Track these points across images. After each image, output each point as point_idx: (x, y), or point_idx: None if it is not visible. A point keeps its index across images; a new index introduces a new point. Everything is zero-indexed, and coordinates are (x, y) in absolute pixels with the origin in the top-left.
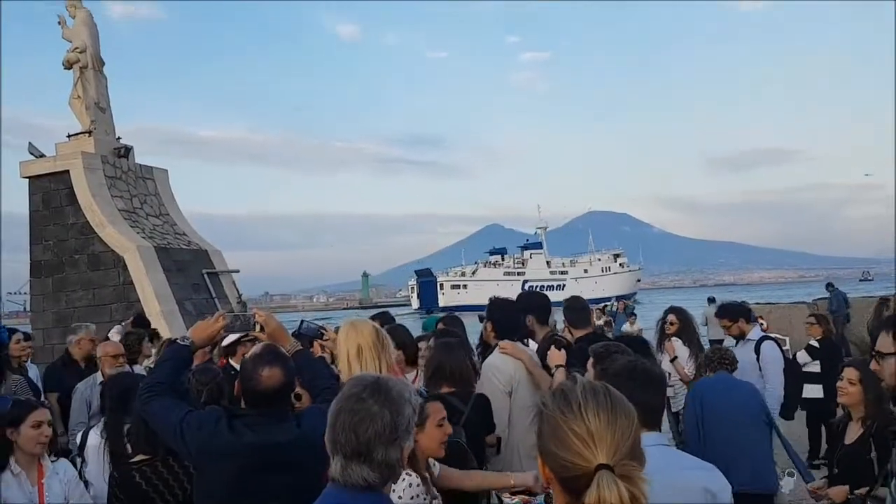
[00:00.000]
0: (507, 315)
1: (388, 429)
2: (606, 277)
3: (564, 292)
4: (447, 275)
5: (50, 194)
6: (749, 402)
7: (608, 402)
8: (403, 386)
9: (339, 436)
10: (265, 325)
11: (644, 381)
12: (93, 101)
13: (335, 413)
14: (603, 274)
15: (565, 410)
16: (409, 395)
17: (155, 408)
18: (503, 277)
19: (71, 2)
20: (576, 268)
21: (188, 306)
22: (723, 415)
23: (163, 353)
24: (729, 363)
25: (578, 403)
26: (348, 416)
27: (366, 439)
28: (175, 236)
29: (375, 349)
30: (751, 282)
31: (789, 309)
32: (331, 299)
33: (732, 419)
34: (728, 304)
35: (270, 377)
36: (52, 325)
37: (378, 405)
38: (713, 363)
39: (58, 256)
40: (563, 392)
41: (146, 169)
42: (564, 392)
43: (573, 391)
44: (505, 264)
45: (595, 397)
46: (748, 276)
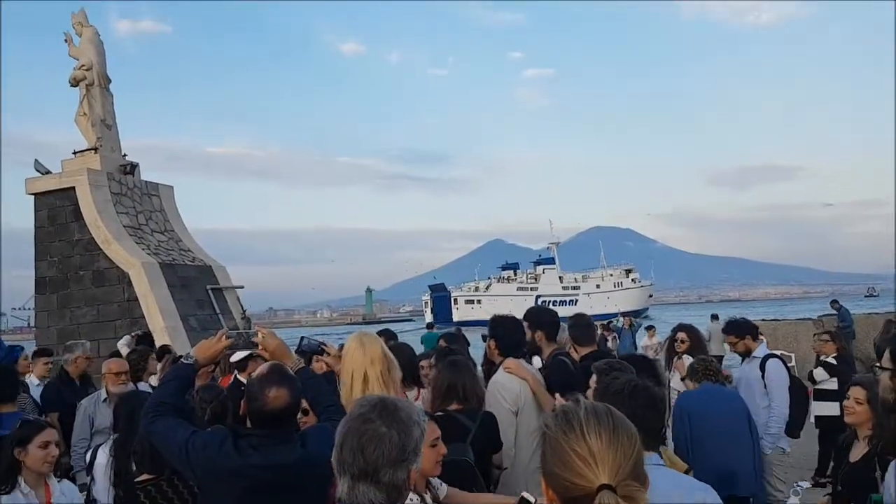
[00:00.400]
0: (510, 332)
1: (396, 450)
2: (618, 293)
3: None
4: (461, 290)
5: (55, 211)
6: (734, 411)
7: (610, 422)
8: (411, 407)
9: (346, 456)
10: (266, 344)
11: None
12: (99, 119)
13: (343, 434)
14: (615, 289)
15: (567, 431)
16: (417, 416)
17: (160, 428)
18: (516, 292)
19: (77, 20)
20: (588, 283)
21: (192, 322)
22: (709, 425)
23: (166, 372)
24: (714, 374)
25: (580, 424)
26: (356, 436)
27: (373, 460)
28: (180, 252)
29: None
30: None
31: (795, 325)
32: (334, 314)
33: (718, 429)
34: (735, 320)
35: (277, 398)
36: (57, 341)
37: (386, 426)
38: (698, 374)
39: (63, 273)
40: (565, 413)
41: (152, 185)
42: (566, 413)
43: (575, 412)
44: (518, 279)
45: (597, 418)
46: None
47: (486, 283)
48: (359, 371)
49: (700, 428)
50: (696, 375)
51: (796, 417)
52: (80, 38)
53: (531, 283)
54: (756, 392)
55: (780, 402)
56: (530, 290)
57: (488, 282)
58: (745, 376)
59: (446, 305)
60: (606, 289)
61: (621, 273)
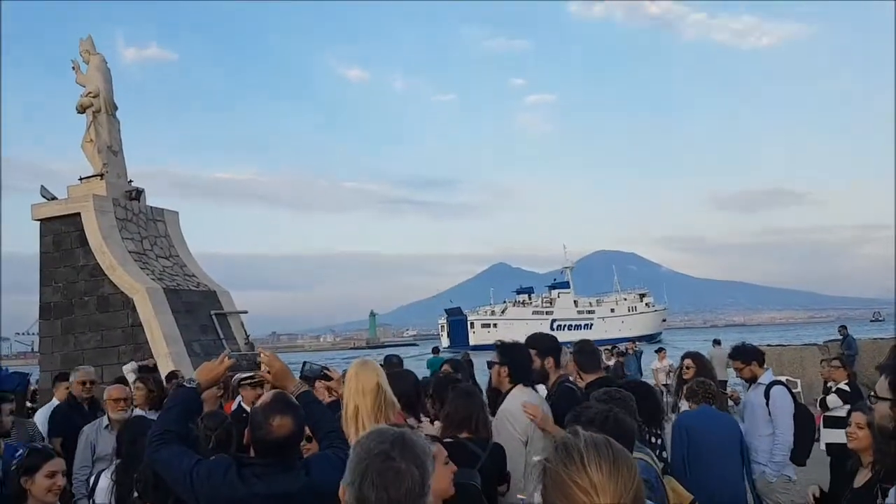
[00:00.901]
0: (522, 359)
1: (418, 486)
2: (633, 317)
3: (592, 332)
4: (476, 313)
5: (61, 236)
6: (728, 433)
7: (610, 453)
8: (423, 439)
9: (367, 493)
10: (269, 366)
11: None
12: (105, 145)
13: (362, 470)
14: (629, 313)
15: (567, 463)
16: (429, 448)
17: (164, 456)
18: (532, 316)
19: (85, 47)
20: (602, 307)
21: (196, 347)
22: (706, 445)
23: (169, 397)
24: (713, 398)
25: (581, 455)
26: (378, 475)
27: (397, 498)
28: (184, 278)
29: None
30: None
31: (800, 351)
32: (338, 339)
33: (715, 449)
34: (741, 346)
35: (281, 426)
36: (60, 366)
37: (405, 462)
38: (698, 396)
39: (67, 298)
40: (565, 445)
41: (157, 211)
42: (566, 445)
43: (575, 444)
44: (533, 303)
45: (597, 449)
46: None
47: (502, 308)
48: (350, 403)
49: (697, 446)
50: (695, 397)
51: (802, 445)
52: (87, 66)
53: (546, 308)
54: (760, 418)
55: (785, 430)
56: (545, 315)
57: (504, 306)
58: (750, 402)
59: (463, 329)
60: (621, 313)
61: (635, 297)
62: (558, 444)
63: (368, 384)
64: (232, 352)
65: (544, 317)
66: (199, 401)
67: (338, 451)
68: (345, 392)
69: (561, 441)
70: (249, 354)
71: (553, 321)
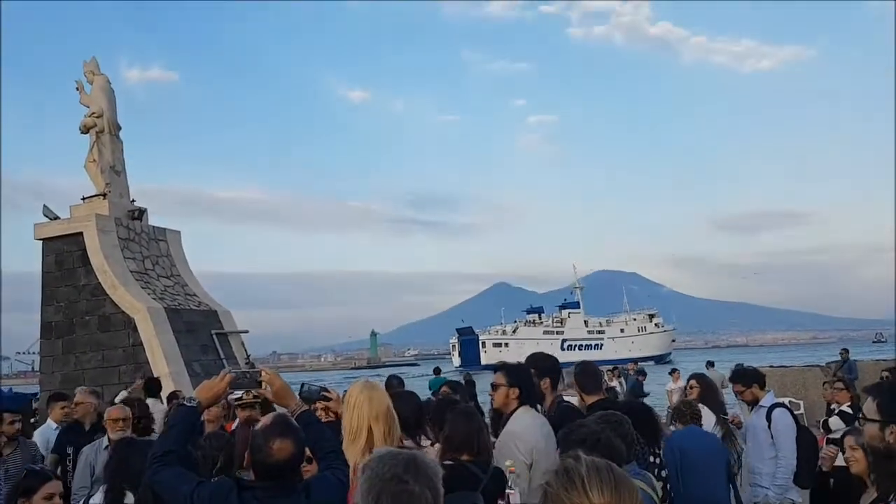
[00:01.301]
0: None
1: None
2: (642, 337)
3: (602, 352)
4: (488, 333)
5: (63, 256)
6: (717, 452)
7: (612, 478)
8: (433, 460)
9: None
10: (271, 384)
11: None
12: (108, 165)
13: (376, 494)
14: (639, 334)
15: (569, 488)
16: (439, 469)
17: (165, 477)
18: (542, 336)
19: (89, 68)
20: (612, 327)
21: (196, 367)
22: (695, 463)
23: (170, 417)
24: (698, 418)
25: (582, 480)
26: (390, 497)
27: None
28: (186, 297)
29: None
30: (763, 343)
31: (803, 372)
32: (339, 359)
33: (703, 467)
34: (742, 369)
35: (282, 449)
36: (61, 386)
37: (419, 486)
38: (685, 417)
39: (68, 318)
40: (566, 470)
41: (159, 230)
42: (567, 470)
43: (576, 468)
44: (544, 323)
45: (598, 474)
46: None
47: (513, 327)
48: (363, 426)
49: (687, 464)
50: (683, 418)
51: (805, 467)
52: (91, 86)
53: (557, 327)
54: (763, 442)
55: (788, 452)
56: (556, 334)
57: (514, 325)
58: (752, 425)
59: (474, 348)
60: (630, 333)
61: (644, 318)
62: (559, 468)
63: (382, 407)
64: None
65: (555, 336)
66: (200, 420)
67: (337, 473)
68: (354, 414)
69: (561, 465)
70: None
71: (563, 341)
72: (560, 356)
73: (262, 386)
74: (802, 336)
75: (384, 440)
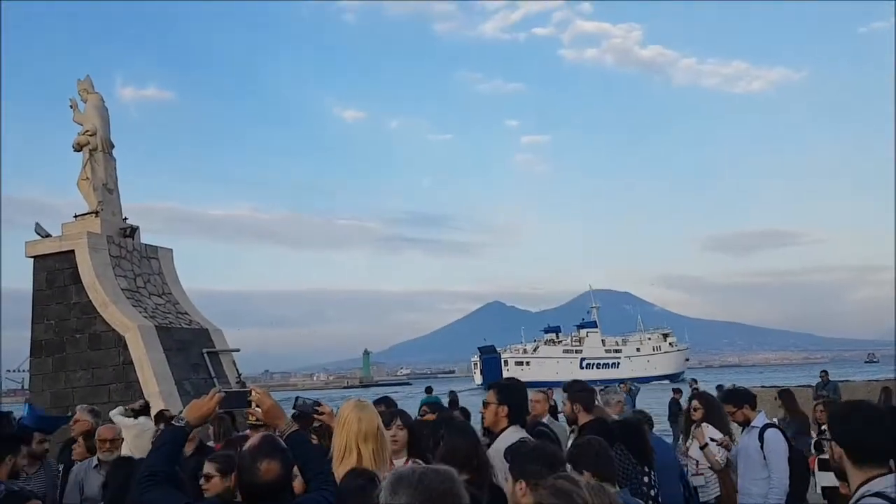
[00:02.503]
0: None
1: None
2: (658, 356)
3: (619, 370)
4: (509, 352)
5: (54, 274)
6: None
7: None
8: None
9: None
10: (260, 403)
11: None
12: (101, 183)
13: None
14: (654, 353)
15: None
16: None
17: (153, 497)
18: (562, 355)
19: (83, 87)
20: (629, 346)
21: (187, 386)
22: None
23: (158, 437)
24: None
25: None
26: None
27: None
28: (177, 315)
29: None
30: (756, 363)
31: (796, 392)
32: (331, 377)
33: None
34: (733, 389)
35: (269, 470)
36: (51, 405)
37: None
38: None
39: (59, 336)
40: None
41: (151, 248)
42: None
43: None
44: (563, 343)
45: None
46: (753, 357)
47: (534, 346)
48: (352, 445)
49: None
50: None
51: (797, 488)
52: (84, 105)
53: (576, 346)
54: (755, 462)
55: (780, 473)
56: (575, 353)
57: (535, 344)
58: (744, 446)
59: (496, 367)
60: (646, 352)
61: (659, 337)
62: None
63: (371, 427)
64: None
65: (574, 355)
66: (186, 440)
67: (326, 494)
68: (343, 433)
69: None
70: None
71: (582, 360)
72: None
73: (252, 405)
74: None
75: (373, 460)
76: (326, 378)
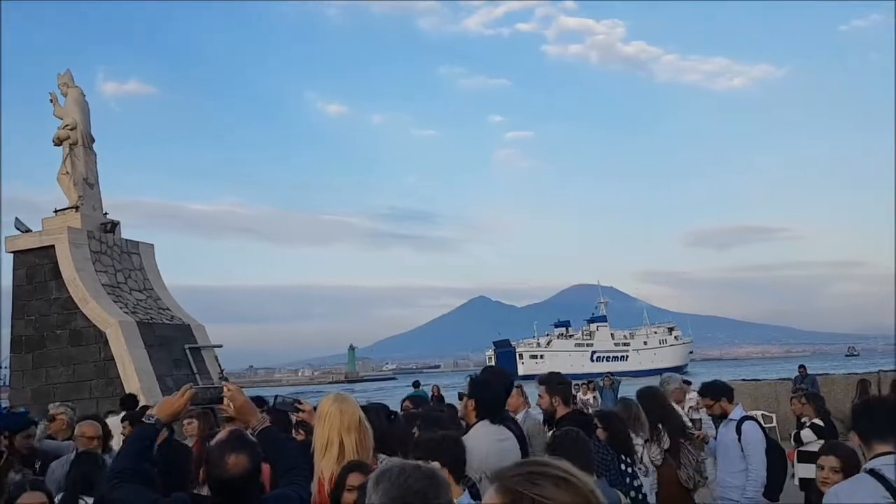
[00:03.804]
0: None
1: None
2: (664, 349)
3: (628, 363)
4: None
5: (34, 269)
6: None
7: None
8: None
9: None
10: (233, 400)
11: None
12: (81, 177)
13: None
14: (661, 346)
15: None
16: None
17: (121, 494)
18: (574, 348)
19: (63, 81)
20: (636, 340)
21: (168, 382)
22: None
23: (129, 435)
24: None
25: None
26: None
27: None
28: (158, 311)
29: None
30: (737, 356)
31: (776, 385)
32: (316, 373)
33: None
34: (711, 383)
35: (236, 464)
36: (31, 401)
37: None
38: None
39: (39, 332)
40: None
41: (132, 244)
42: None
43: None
44: (575, 337)
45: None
46: (734, 351)
47: (547, 340)
48: (334, 438)
49: None
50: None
51: (774, 480)
52: (65, 99)
53: (587, 340)
54: (733, 455)
55: (757, 465)
56: (586, 347)
57: (548, 338)
58: (722, 439)
59: (511, 360)
60: (653, 345)
61: (665, 331)
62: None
63: (353, 420)
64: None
65: (585, 349)
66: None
67: (298, 489)
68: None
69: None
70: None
71: (593, 353)
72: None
73: (224, 402)
74: (776, 350)
75: (356, 452)
76: (311, 373)
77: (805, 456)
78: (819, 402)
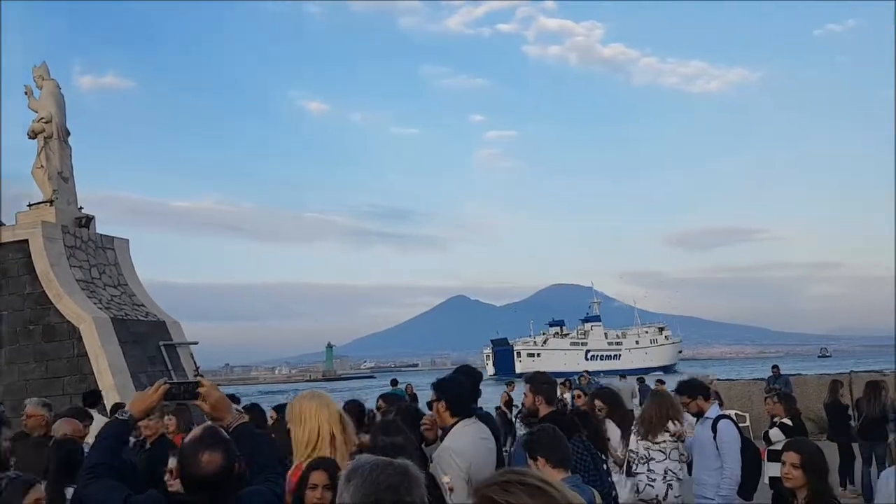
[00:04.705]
0: (458, 392)
1: None
2: (655, 348)
3: (621, 361)
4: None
5: (7, 264)
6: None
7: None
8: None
9: None
10: (208, 396)
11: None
12: (56, 171)
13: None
14: (652, 345)
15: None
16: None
17: (94, 490)
18: (569, 347)
19: (38, 73)
20: (628, 339)
21: (143, 379)
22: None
23: (101, 430)
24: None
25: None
26: None
27: None
28: (133, 307)
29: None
30: (711, 356)
31: (749, 385)
32: (293, 371)
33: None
34: (687, 381)
35: (211, 461)
36: (3, 397)
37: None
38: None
39: (12, 327)
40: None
41: (107, 239)
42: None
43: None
44: (570, 335)
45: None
46: (708, 351)
47: (543, 339)
48: (325, 431)
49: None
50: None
51: (749, 479)
52: (40, 91)
53: (581, 339)
54: (709, 453)
55: (733, 464)
56: (581, 346)
57: (544, 337)
58: (698, 437)
59: (509, 359)
60: (644, 344)
61: (655, 330)
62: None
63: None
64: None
65: (580, 348)
66: (130, 434)
67: (273, 486)
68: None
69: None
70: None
71: (587, 351)
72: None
73: (199, 398)
74: (750, 350)
75: (345, 444)
76: (289, 371)
77: (773, 455)
78: (790, 402)
